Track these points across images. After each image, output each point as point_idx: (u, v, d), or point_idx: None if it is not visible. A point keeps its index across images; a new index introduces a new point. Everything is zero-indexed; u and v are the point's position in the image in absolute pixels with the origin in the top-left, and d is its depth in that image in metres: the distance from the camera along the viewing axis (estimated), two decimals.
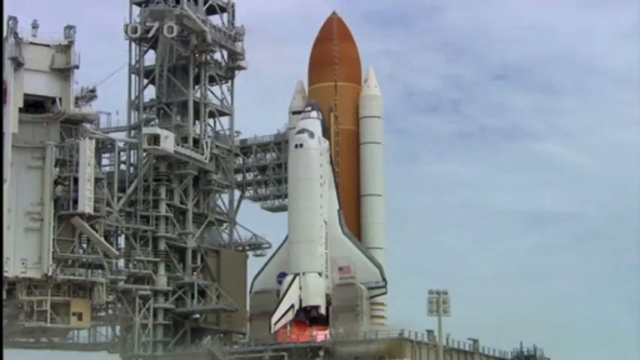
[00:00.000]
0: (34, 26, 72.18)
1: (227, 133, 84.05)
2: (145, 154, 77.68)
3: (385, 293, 72.14)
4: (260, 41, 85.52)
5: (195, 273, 78.47)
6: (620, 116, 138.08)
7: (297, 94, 79.39)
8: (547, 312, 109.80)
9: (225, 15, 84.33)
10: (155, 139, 75.46)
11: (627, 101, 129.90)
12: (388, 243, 76.67)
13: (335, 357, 67.54)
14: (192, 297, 77.37)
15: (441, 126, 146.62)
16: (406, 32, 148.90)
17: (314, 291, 69.62)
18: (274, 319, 68.64)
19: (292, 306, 69.19)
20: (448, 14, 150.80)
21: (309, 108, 73.07)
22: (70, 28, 73.05)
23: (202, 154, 79.31)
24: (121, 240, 76.16)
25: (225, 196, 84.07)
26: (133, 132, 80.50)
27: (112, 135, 79.51)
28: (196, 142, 79.92)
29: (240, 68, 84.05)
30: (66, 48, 72.18)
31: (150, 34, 79.73)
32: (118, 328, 76.23)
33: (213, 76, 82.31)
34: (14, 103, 69.00)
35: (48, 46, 72.14)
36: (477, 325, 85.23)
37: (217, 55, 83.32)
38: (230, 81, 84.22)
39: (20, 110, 69.80)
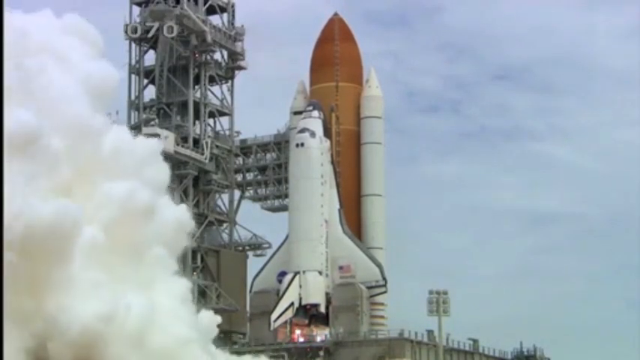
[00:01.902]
0: None
1: (227, 133, 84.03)
2: None
3: (385, 292, 72.07)
4: (260, 41, 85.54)
5: (195, 273, 78.36)
6: (620, 116, 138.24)
7: (299, 95, 79.21)
8: (547, 312, 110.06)
9: (225, 15, 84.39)
10: None
11: (627, 101, 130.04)
12: (388, 243, 76.60)
13: (335, 357, 67.48)
14: (192, 297, 77.20)
15: (441, 126, 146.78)
16: (407, 32, 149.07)
17: (314, 289, 69.46)
18: (274, 316, 68.58)
19: (292, 304, 69.05)
20: (448, 14, 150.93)
21: (311, 107, 72.99)
22: None
23: (202, 154, 79.26)
24: None
25: (225, 196, 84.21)
26: (132, 132, 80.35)
27: None
28: (196, 142, 79.90)
29: (240, 68, 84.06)
30: None
31: (150, 34, 79.78)
32: None
33: (213, 76, 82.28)
34: None
35: None
36: (477, 325, 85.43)
37: (217, 55, 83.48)
38: (230, 81, 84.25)
39: None
